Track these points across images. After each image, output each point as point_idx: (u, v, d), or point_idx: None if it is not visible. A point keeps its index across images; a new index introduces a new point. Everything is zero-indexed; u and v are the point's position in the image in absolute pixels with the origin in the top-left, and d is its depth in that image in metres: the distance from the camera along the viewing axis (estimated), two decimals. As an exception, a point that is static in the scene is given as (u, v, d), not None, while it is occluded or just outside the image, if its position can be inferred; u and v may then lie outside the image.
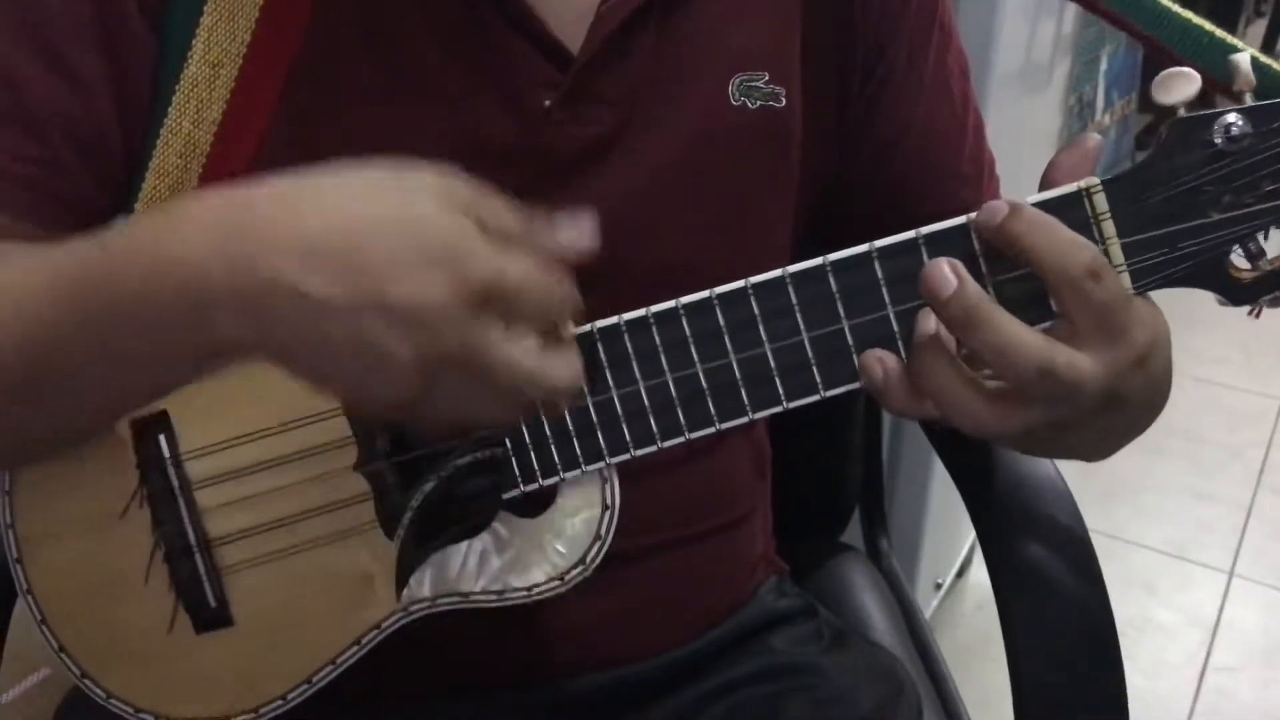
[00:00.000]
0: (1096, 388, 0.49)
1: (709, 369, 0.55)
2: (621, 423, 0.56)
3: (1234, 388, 2.47)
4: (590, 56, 0.59)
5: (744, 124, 0.64)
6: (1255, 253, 0.52)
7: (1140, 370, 0.50)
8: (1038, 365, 0.48)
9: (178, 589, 0.59)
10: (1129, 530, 2.02)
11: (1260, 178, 0.50)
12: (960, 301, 0.49)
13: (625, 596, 0.68)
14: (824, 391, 0.54)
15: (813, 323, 0.53)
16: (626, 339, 0.55)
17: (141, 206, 0.59)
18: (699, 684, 0.73)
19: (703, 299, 0.54)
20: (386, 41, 0.58)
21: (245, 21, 0.57)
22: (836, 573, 0.97)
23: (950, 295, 0.49)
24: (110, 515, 0.59)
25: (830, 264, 0.53)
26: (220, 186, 0.48)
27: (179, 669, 0.60)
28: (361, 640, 0.60)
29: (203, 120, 0.58)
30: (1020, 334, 0.48)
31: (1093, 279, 0.48)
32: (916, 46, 0.69)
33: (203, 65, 0.57)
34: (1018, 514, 0.76)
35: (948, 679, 0.89)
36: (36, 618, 0.60)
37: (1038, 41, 1.51)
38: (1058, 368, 0.48)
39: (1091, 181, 0.51)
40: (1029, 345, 0.48)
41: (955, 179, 0.72)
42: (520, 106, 0.60)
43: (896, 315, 0.53)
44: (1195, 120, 0.50)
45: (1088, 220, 0.51)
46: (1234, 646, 1.80)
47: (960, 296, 0.49)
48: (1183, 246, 0.52)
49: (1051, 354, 0.48)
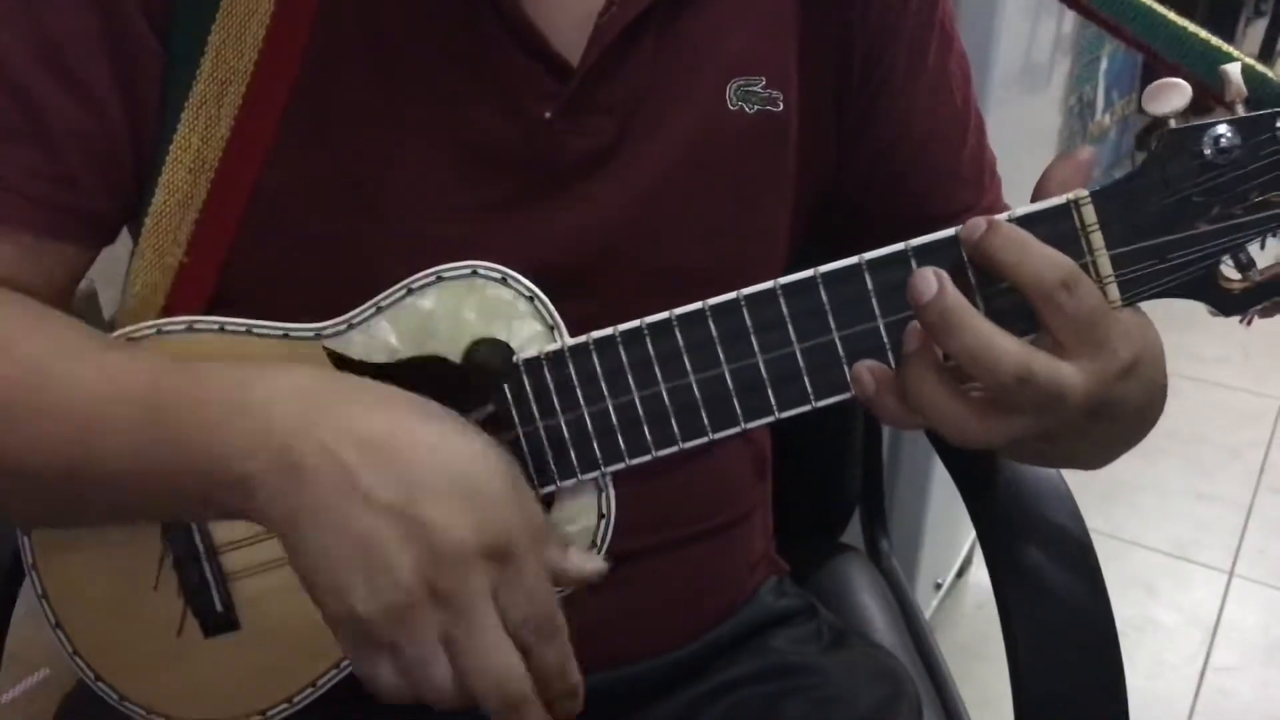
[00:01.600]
0: (1081, 397, 0.49)
1: (702, 379, 0.55)
2: (616, 432, 0.56)
3: (1234, 388, 2.47)
4: (589, 67, 0.60)
5: (742, 128, 0.64)
6: (1245, 264, 0.52)
7: (1127, 381, 0.51)
8: (1015, 370, 0.48)
9: (186, 594, 0.60)
10: (1129, 530, 2.02)
11: (1249, 189, 0.51)
12: (938, 305, 0.49)
13: (625, 597, 0.68)
14: (815, 402, 0.55)
15: (804, 334, 0.54)
16: (621, 350, 0.55)
17: (151, 221, 0.60)
18: (699, 684, 0.73)
19: (695, 310, 0.54)
20: (389, 57, 0.59)
21: (252, 40, 0.57)
22: (836, 573, 0.97)
23: (929, 300, 0.49)
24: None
25: (821, 276, 0.53)
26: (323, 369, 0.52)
27: (189, 672, 0.61)
28: (366, 643, 0.60)
29: (211, 137, 0.58)
30: (997, 339, 0.49)
31: (1066, 291, 0.49)
32: (915, 50, 0.69)
33: (211, 83, 0.58)
34: (1018, 514, 0.76)
35: (948, 679, 0.89)
36: (51, 622, 0.61)
37: (1038, 41, 1.52)
38: (1036, 373, 0.48)
39: (1080, 193, 0.52)
40: (1006, 350, 0.48)
41: (955, 180, 0.72)
42: (521, 118, 0.60)
43: (886, 326, 0.53)
44: (1185, 132, 0.51)
45: (1076, 232, 0.52)
46: (1234, 646, 1.80)
47: (938, 300, 0.49)
48: (1172, 258, 0.52)
49: (1029, 360, 0.48)
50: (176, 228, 0.60)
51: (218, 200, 0.59)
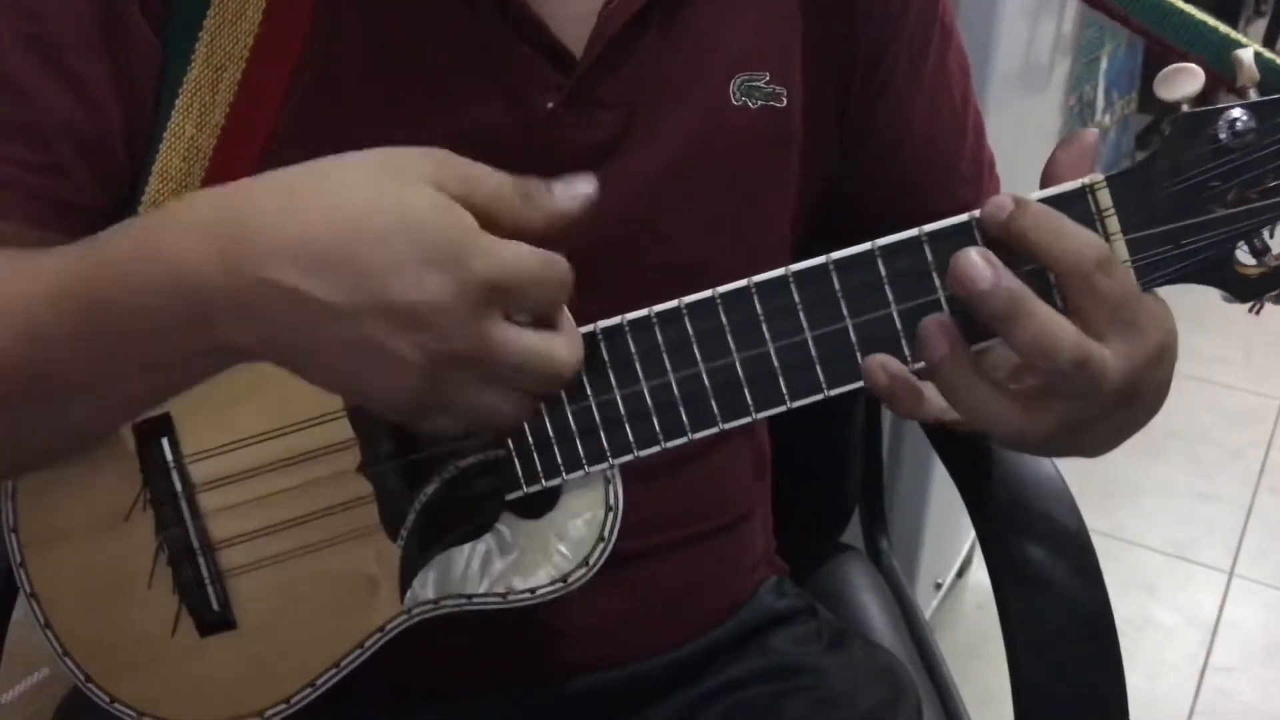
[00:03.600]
0: (1118, 383, 0.48)
1: (712, 369, 0.54)
2: (625, 423, 0.55)
3: (1234, 388, 2.47)
4: (593, 59, 0.60)
5: (745, 124, 0.64)
6: (1260, 249, 0.52)
7: (1156, 366, 0.50)
8: (1075, 356, 0.47)
9: (181, 592, 0.60)
10: (1129, 530, 2.02)
11: (1265, 173, 0.50)
12: (1004, 291, 0.47)
13: (625, 596, 0.68)
14: (828, 391, 0.54)
15: (816, 322, 0.53)
16: (629, 339, 0.54)
17: (145, 210, 0.59)
18: (699, 684, 0.73)
19: (705, 298, 0.54)
20: (389, 44, 0.58)
21: (248, 25, 0.57)
22: (836, 573, 0.97)
23: (990, 285, 0.47)
24: (114, 518, 0.59)
25: (833, 263, 0.53)
26: (216, 186, 0.48)
27: (183, 672, 0.60)
28: (365, 643, 0.60)
29: (206, 124, 0.58)
30: (1062, 324, 0.47)
31: (1103, 272, 0.48)
32: (917, 46, 0.69)
33: (205, 69, 0.57)
34: (1018, 514, 0.76)
35: (948, 679, 0.89)
36: (40, 621, 0.60)
37: (1038, 41, 1.52)
38: (1092, 358, 0.47)
39: (1095, 178, 0.51)
40: (1069, 336, 0.47)
41: (955, 178, 0.72)
42: (524, 109, 0.60)
43: (900, 313, 0.53)
44: (1199, 116, 0.50)
45: (1091, 216, 0.51)
46: (1234, 646, 1.80)
47: (1004, 285, 0.47)
48: (1187, 243, 0.51)
49: (1088, 345, 0.47)
50: None
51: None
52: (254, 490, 0.59)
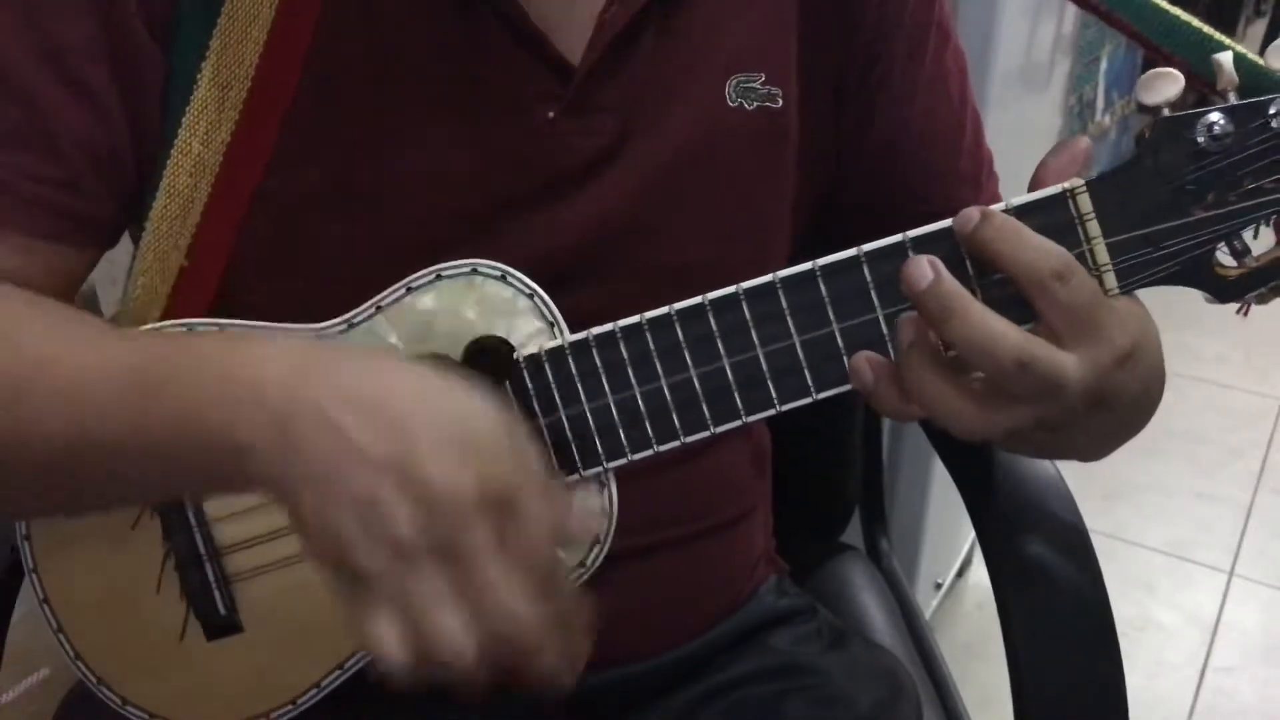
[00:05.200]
0: (1080, 386, 0.49)
1: (702, 373, 0.55)
2: (618, 428, 0.56)
3: (1234, 388, 2.47)
4: (591, 67, 0.60)
5: (741, 125, 0.64)
6: (1240, 250, 0.53)
7: (1124, 369, 0.51)
8: (1014, 355, 0.48)
9: (188, 597, 0.60)
10: (1129, 530, 2.02)
11: (1243, 175, 0.51)
12: (935, 292, 0.49)
13: (625, 596, 0.68)
14: (816, 394, 0.55)
15: (803, 326, 0.54)
16: (621, 345, 0.55)
17: (153, 225, 0.60)
18: (699, 684, 0.73)
19: (695, 304, 0.54)
20: (389, 60, 0.59)
21: (253, 45, 0.57)
22: (836, 573, 0.97)
23: (926, 287, 0.49)
24: (122, 526, 0.60)
25: (819, 268, 0.54)
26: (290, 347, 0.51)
27: (191, 675, 0.61)
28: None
29: (212, 141, 0.58)
30: (997, 326, 0.49)
31: (1059, 281, 0.49)
32: (914, 46, 0.69)
33: (211, 88, 0.58)
34: (1017, 514, 0.76)
35: (948, 679, 0.89)
36: (53, 626, 0.61)
37: (1038, 41, 1.52)
38: (1036, 359, 0.48)
39: (1075, 183, 0.52)
40: (1006, 337, 0.48)
41: (953, 178, 0.72)
42: (524, 119, 0.60)
43: (885, 317, 0.54)
44: (1178, 120, 0.51)
45: (1073, 221, 0.52)
46: (1234, 646, 1.80)
47: (935, 287, 0.49)
48: (1167, 245, 0.52)
49: (1030, 346, 0.48)
50: (178, 231, 0.60)
51: (219, 204, 0.59)
52: (258, 495, 0.59)
